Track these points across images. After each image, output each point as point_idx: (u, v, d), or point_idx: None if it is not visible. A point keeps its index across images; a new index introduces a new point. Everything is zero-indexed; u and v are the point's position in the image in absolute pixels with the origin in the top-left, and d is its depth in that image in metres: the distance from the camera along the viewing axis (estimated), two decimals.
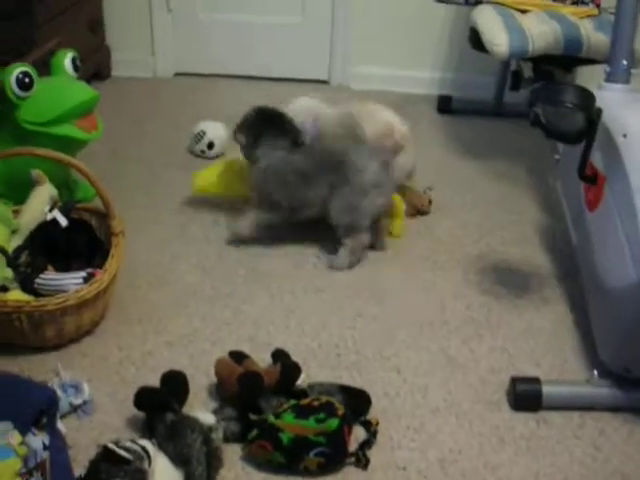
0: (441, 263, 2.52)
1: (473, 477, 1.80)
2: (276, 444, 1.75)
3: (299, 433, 1.75)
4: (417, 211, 2.73)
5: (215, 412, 1.87)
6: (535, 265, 2.55)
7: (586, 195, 2.27)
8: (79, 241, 2.27)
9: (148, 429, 1.81)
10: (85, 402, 1.93)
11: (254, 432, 1.79)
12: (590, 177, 2.17)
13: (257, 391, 1.88)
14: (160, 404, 1.82)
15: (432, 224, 2.70)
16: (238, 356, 2.01)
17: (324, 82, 3.89)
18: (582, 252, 2.30)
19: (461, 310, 2.33)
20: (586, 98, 1.98)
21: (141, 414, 1.87)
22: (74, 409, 1.93)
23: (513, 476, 1.81)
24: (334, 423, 1.75)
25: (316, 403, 1.81)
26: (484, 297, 2.38)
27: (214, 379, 1.99)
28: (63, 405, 1.89)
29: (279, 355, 2.04)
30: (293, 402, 1.84)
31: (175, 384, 1.91)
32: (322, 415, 1.76)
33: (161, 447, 1.73)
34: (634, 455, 1.89)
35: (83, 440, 1.85)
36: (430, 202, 2.73)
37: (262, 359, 2.04)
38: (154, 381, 1.91)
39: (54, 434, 1.75)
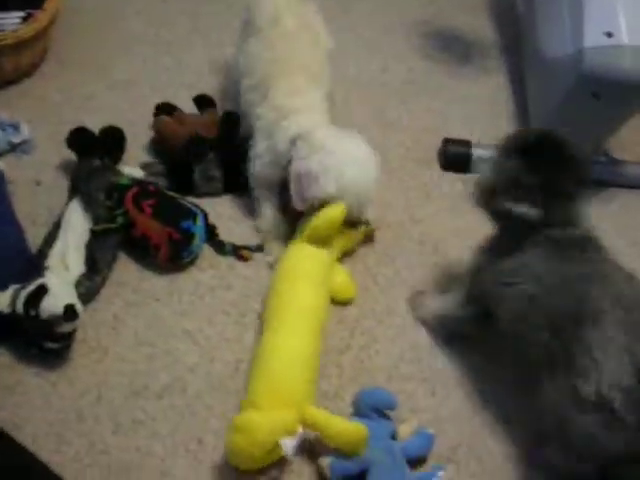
0: (387, 25, 2.50)
1: (398, 229, 1.91)
2: None
3: None
4: None
5: (144, 167, 1.92)
6: (481, 35, 2.54)
7: None
8: None
9: (76, 170, 1.83)
10: (24, 141, 1.96)
11: None
12: None
13: (203, 157, 1.90)
14: (89, 145, 1.85)
15: None
16: (168, 108, 2.01)
17: None
18: (526, 23, 2.31)
19: (402, 72, 2.34)
20: None
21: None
22: (13, 148, 1.95)
23: (434, 230, 1.92)
24: None
25: None
26: (426, 62, 2.39)
27: (152, 123, 2.01)
28: (2, 143, 1.92)
29: (203, 101, 2.05)
30: None
31: (112, 139, 1.92)
32: None
33: (77, 188, 1.78)
34: None
35: (22, 177, 1.90)
36: None
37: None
38: (94, 124, 1.92)
39: None
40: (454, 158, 2.06)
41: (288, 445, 1.37)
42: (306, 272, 1.66)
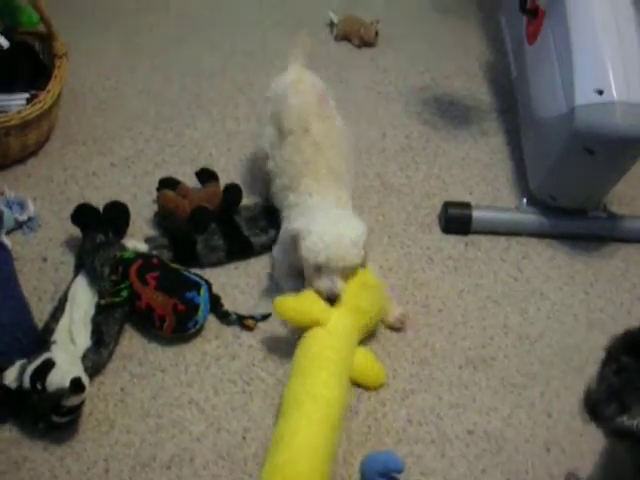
0: (384, 94, 2.54)
1: (401, 292, 1.92)
2: None
3: None
4: (364, 42, 2.73)
5: (148, 240, 1.94)
6: (477, 99, 2.58)
7: (527, 29, 2.30)
8: (21, 63, 2.25)
9: (81, 246, 1.86)
10: (30, 219, 1.99)
11: None
12: (531, 11, 2.22)
13: (207, 226, 1.94)
14: (93, 221, 1.89)
15: (377, 56, 2.70)
16: (171, 182, 2.05)
17: None
18: (520, 85, 2.35)
19: (400, 138, 2.37)
20: None
21: None
22: (19, 225, 1.98)
23: (438, 293, 1.93)
24: None
25: None
26: (424, 127, 2.43)
27: (155, 197, 2.05)
28: (8, 221, 1.94)
29: (206, 174, 2.08)
30: None
31: (116, 215, 1.95)
32: None
33: (83, 263, 1.81)
34: (553, 276, 2.02)
35: (28, 254, 1.93)
36: (377, 34, 2.72)
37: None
38: (98, 201, 1.96)
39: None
40: (455, 220, 2.08)
41: None
42: (330, 361, 1.62)
